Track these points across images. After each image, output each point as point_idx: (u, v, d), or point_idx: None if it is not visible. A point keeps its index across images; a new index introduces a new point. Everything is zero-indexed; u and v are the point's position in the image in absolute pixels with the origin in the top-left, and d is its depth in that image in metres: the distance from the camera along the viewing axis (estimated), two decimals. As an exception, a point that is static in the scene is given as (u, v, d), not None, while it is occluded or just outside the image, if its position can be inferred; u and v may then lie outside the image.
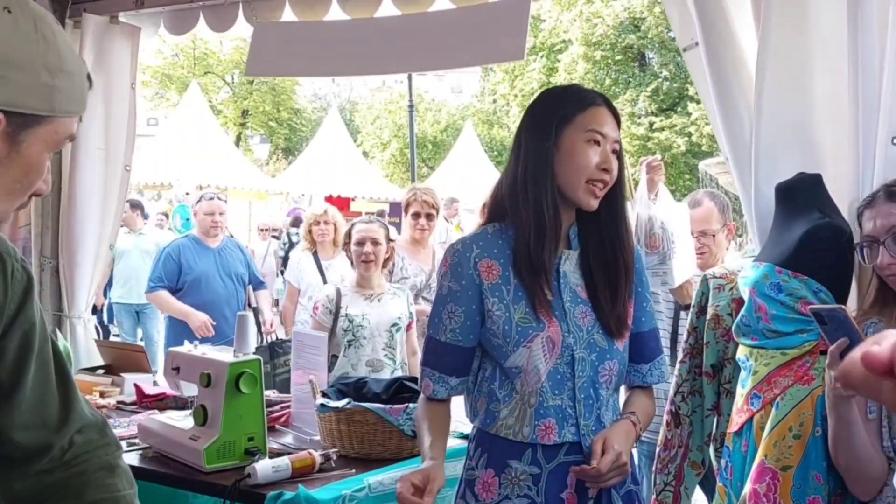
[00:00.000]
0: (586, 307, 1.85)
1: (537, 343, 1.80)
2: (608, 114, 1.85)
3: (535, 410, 1.80)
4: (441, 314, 1.88)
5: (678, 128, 21.37)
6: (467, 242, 1.89)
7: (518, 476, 1.81)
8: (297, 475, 2.35)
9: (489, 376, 1.88)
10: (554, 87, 2.01)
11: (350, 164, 17.69)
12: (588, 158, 1.79)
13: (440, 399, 1.92)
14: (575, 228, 1.89)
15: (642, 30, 22.43)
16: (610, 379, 1.86)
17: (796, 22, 2.26)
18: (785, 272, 2.10)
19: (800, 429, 2.03)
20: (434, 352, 1.90)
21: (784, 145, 2.29)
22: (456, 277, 1.86)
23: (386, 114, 29.47)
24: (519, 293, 1.82)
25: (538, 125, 1.85)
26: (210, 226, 5.23)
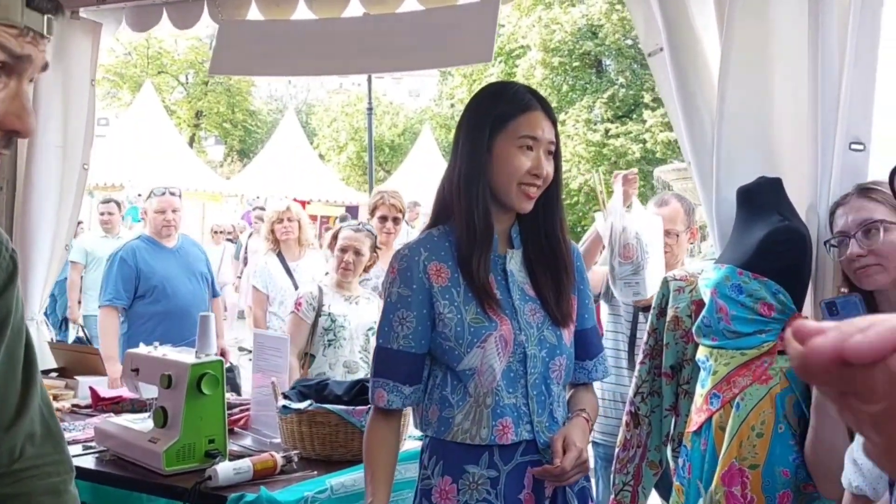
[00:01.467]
0: (535, 304, 1.87)
1: (491, 342, 1.80)
2: (542, 116, 1.84)
3: (491, 411, 1.80)
4: (391, 322, 1.85)
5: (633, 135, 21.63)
6: (414, 247, 1.87)
7: (476, 481, 1.80)
8: (258, 477, 2.33)
9: (440, 383, 1.85)
10: (491, 85, 1.98)
11: (306, 167, 17.62)
12: (520, 163, 1.80)
13: (394, 411, 1.88)
14: (517, 227, 1.91)
15: (600, 37, 22.67)
16: (560, 374, 1.88)
17: (758, 28, 2.31)
18: (745, 274, 2.14)
19: (762, 427, 2.07)
20: (385, 361, 1.86)
21: (745, 149, 2.34)
22: (405, 283, 1.84)
23: (343, 116, 29.36)
24: (469, 294, 1.82)
25: (473, 128, 1.85)
26: (162, 225, 4.61)
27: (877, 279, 1.88)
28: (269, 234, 5.16)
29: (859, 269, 1.90)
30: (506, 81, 2.01)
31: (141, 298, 4.55)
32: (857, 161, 2.11)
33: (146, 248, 4.64)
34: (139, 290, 4.53)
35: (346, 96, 30.71)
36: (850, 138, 2.11)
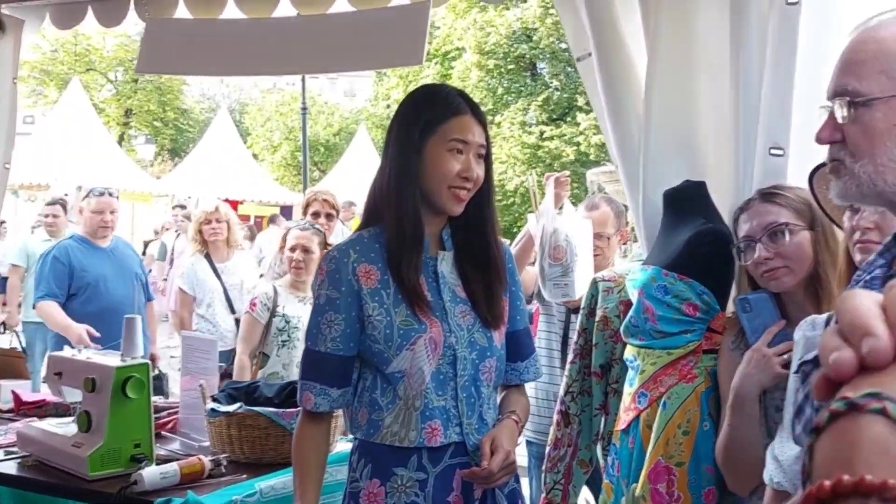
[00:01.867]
0: (466, 306, 1.87)
1: (420, 345, 1.79)
2: (473, 121, 1.84)
3: (420, 413, 1.79)
4: (319, 324, 1.84)
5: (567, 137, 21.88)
6: (343, 248, 1.86)
7: (404, 483, 1.80)
8: (186, 481, 2.30)
9: (370, 385, 1.85)
10: (422, 88, 1.99)
11: (239, 166, 17.40)
12: (450, 167, 1.80)
13: (322, 414, 1.87)
14: (448, 230, 1.91)
15: (534, 40, 22.87)
16: (490, 377, 1.88)
17: (682, 36, 2.37)
18: (671, 275, 2.20)
19: (688, 425, 2.12)
20: (314, 363, 1.85)
21: (671, 154, 2.39)
22: (334, 285, 1.82)
23: (277, 116, 29.06)
24: (399, 296, 1.81)
25: (403, 131, 1.85)
26: (99, 225, 4.53)
27: (784, 281, 1.92)
28: (196, 235, 5.06)
29: (767, 271, 1.94)
30: (437, 84, 2.00)
31: (74, 297, 4.48)
32: (776, 165, 2.18)
33: (79, 247, 4.55)
34: (72, 288, 4.46)
35: (281, 96, 30.38)
36: (769, 143, 2.18)
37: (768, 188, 2.04)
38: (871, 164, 1.09)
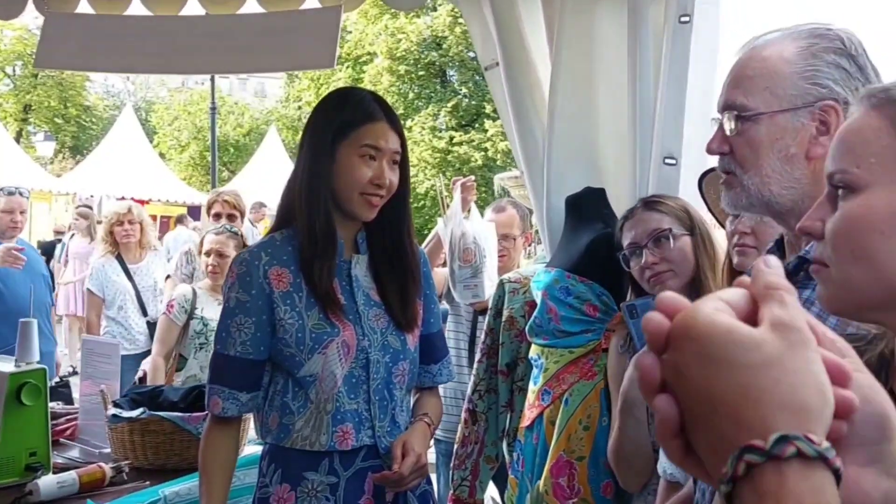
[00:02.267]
0: (379, 309, 1.86)
1: (333, 348, 1.78)
2: (387, 127, 1.82)
3: (331, 417, 1.78)
4: (229, 327, 1.80)
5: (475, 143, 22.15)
6: (255, 251, 1.83)
7: (315, 487, 1.79)
8: (85, 490, 2.24)
9: (281, 389, 1.83)
10: (337, 91, 1.96)
11: (145, 166, 16.95)
12: (361, 173, 1.78)
13: (230, 418, 1.83)
14: (363, 233, 1.90)
15: (444, 48, 23.08)
16: (403, 379, 1.88)
17: (584, 50, 2.45)
18: (573, 277, 2.27)
19: (588, 420, 2.19)
20: (222, 367, 1.81)
21: (573, 161, 2.47)
22: (244, 288, 1.79)
23: (185, 115, 28.44)
24: (311, 300, 1.79)
25: (317, 134, 1.84)
26: (8, 225, 4.39)
27: (669, 285, 1.99)
28: (107, 236, 4.95)
29: (653, 276, 2.01)
30: (352, 88, 1.97)
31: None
32: (669, 174, 2.27)
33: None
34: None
35: (189, 94, 29.75)
36: (663, 153, 2.27)
37: (650, 197, 2.12)
38: (757, 175, 1.16)
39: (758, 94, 1.16)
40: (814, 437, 0.47)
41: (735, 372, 0.49)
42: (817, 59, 1.13)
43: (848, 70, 1.12)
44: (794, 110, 1.14)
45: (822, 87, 1.12)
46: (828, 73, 1.13)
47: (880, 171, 0.81)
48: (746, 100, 1.16)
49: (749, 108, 1.16)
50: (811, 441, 0.47)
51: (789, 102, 1.14)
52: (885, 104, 0.83)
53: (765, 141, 1.15)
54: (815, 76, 1.13)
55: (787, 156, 1.14)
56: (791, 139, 1.14)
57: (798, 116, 1.14)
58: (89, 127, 29.86)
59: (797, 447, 0.46)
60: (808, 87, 1.13)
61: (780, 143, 1.14)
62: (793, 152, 1.14)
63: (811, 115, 1.13)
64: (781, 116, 1.14)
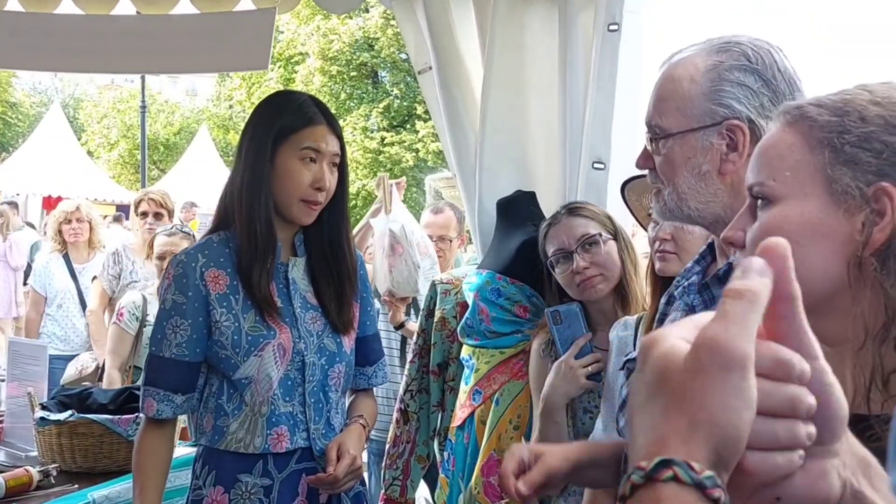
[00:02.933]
0: (316, 312, 1.87)
1: (269, 351, 1.78)
2: (327, 130, 1.82)
3: (266, 419, 1.79)
4: (164, 329, 1.79)
5: (407, 144, 22.17)
6: (192, 252, 1.83)
7: (249, 490, 1.79)
8: (11, 494, 2.20)
9: (216, 391, 1.82)
10: (276, 94, 1.96)
11: (73, 164, 16.50)
12: (301, 177, 1.78)
13: (165, 420, 1.82)
14: (301, 236, 1.90)
15: (376, 49, 23.04)
16: (339, 382, 1.89)
17: (515, 56, 2.50)
18: (504, 279, 2.32)
19: (518, 420, 2.24)
20: (157, 369, 1.80)
21: (504, 164, 2.53)
22: (181, 289, 1.79)
23: (114, 113, 27.78)
24: (248, 302, 1.79)
25: (256, 138, 1.83)
26: None
27: (599, 289, 2.04)
28: (55, 235, 4.85)
29: (584, 280, 2.04)
30: (291, 92, 1.96)
31: None
32: (598, 178, 2.34)
33: None
34: None
35: (119, 92, 29.07)
36: (592, 158, 2.33)
37: (570, 205, 2.16)
38: (675, 191, 1.22)
39: (670, 115, 1.21)
40: (695, 465, 0.48)
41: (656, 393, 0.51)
42: (721, 79, 1.18)
43: (751, 87, 1.18)
44: (703, 129, 1.19)
45: (724, 106, 1.18)
46: (731, 92, 1.18)
47: (794, 184, 0.86)
48: (661, 120, 1.22)
49: (663, 128, 1.22)
50: (691, 468, 0.48)
51: (697, 122, 1.19)
52: (799, 121, 0.88)
53: (678, 159, 1.20)
54: (719, 96, 1.18)
55: (699, 173, 1.20)
56: (702, 157, 1.19)
57: (707, 136, 1.19)
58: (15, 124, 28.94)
59: (674, 472, 0.48)
60: (714, 107, 1.18)
61: (693, 162, 1.20)
62: (705, 170, 1.19)
63: (719, 133, 1.18)
64: (692, 136, 1.19)
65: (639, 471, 0.49)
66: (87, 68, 3.53)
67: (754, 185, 0.89)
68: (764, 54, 1.19)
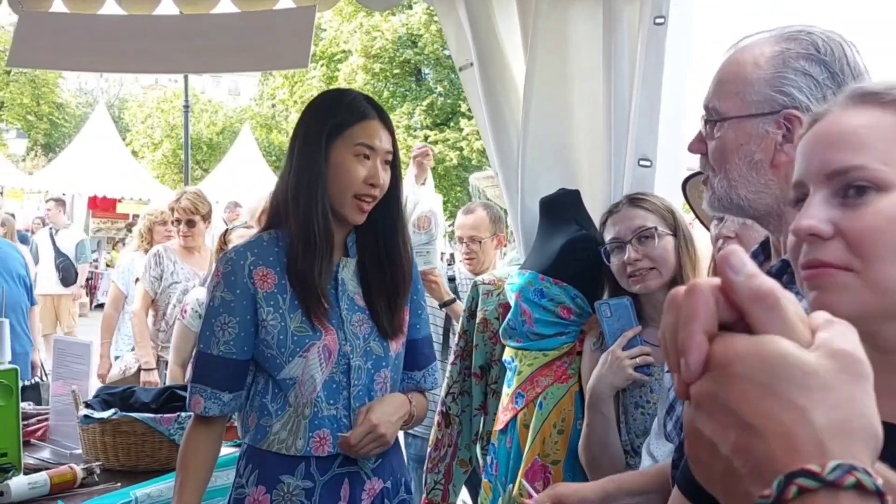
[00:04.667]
0: (363, 315, 1.85)
1: (313, 352, 1.77)
2: (380, 126, 1.82)
3: (309, 422, 1.78)
4: (213, 326, 1.79)
5: (451, 142, 22.15)
6: (241, 250, 1.82)
7: (291, 491, 1.78)
8: (56, 491, 2.22)
9: (261, 390, 1.82)
10: (330, 91, 1.96)
11: (118, 164, 16.78)
12: (356, 173, 1.78)
13: (213, 418, 1.82)
14: (353, 236, 1.88)
15: (419, 46, 23.05)
16: (385, 387, 1.87)
17: (559, 51, 2.46)
18: (547, 279, 2.27)
19: (562, 424, 2.20)
20: (205, 366, 1.80)
21: (547, 163, 2.48)
22: (229, 287, 1.78)
23: (158, 113, 28.22)
24: (295, 302, 1.78)
25: (310, 135, 1.82)
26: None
27: (650, 283, 2.01)
28: (146, 234, 4.87)
29: (635, 272, 2.01)
30: (343, 89, 1.95)
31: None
32: (644, 176, 2.29)
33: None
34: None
35: (163, 92, 29.55)
36: (638, 155, 2.29)
37: (635, 194, 2.13)
38: (725, 178, 1.17)
39: (729, 99, 1.17)
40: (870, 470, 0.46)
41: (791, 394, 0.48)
42: (786, 66, 1.14)
43: (816, 78, 1.13)
44: (760, 116, 1.15)
45: (785, 94, 1.14)
46: (794, 80, 1.14)
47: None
48: (719, 103, 1.18)
49: (720, 111, 1.18)
50: (869, 473, 0.46)
51: (756, 108, 1.15)
52: None
53: (731, 145, 1.16)
54: (781, 83, 1.14)
55: (751, 161, 1.15)
56: (756, 145, 1.15)
57: (763, 123, 1.15)
58: (62, 124, 29.58)
59: (857, 478, 0.45)
60: (774, 94, 1.14)
61: (746, 149, 1.16)
62: (757, 158, 1.15)
63: (776, 122, 1.14)
64: (748, 122, 1.15)
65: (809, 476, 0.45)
66: (130, 68, 3.57)
67: (849, 169, 0.78)
68: (834, 46, 1.14)
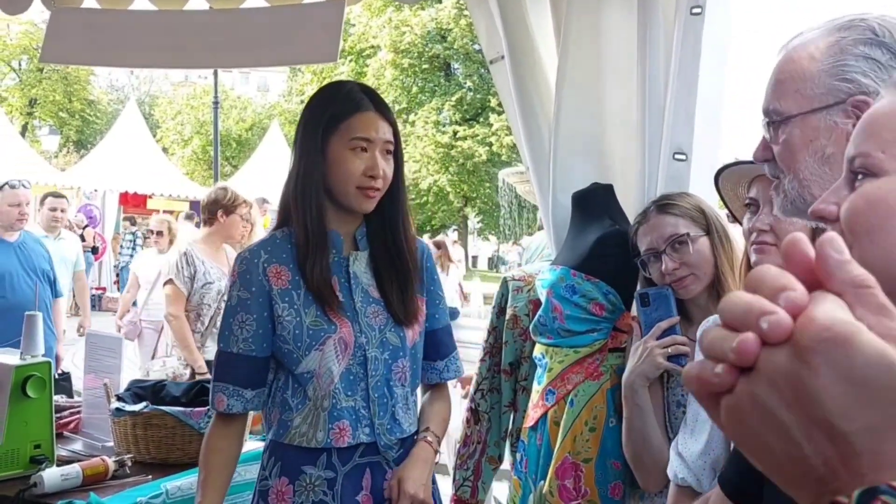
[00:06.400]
0: (378, 306, 1.86)
1: (329, 345, 1.79)
2: (376, 116, 1.82)
3: (328, 413, 1.79)
4: (231, 325, 1.82)
5: (480, 137, 22.11)
6: (255, 249, 1.85)
7: (313, 482, 1.79)
8: (88, 483, 2.25)
9: (282, 385, 1.84)
10: (325, 86, 1.95)
11: (148, 160, 16.99)
12: (354, 167, 1.78)
13: (235, 415, 1.84)
14: (363, 229, 1.89)
15: (448, 41, 23.03)
16: (404, 376, 1.87)
17: (592, 42, 2.42)
18: (579, 275, 2.25)
19: (594, 422, 2.17)
20: (226, 364, 1.83)
21: (580, 157, 2.45)
22: (245, 285, 1.81)
23: (188, 109, 28.49)
24: (309, 297, 1.80)
25: (307, 131, 1.84)
26: (16, 218, 4.51)
27: (691, 289, 1.97)
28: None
29: (675, 281, 1.98)
30: (340, 81, 1.95)
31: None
32: (679, 170, 2.25)
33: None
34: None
35: (192, 89, 29.81)
36: (673, 148, 2.25)
37: (660, 200, 2.09)
38: (795, 179, 1.14)
39: (789, 98, 1.13)
40: None
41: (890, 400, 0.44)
42: (845, 54, 1.10)
43: (879, 61, 1.09)
44: (826, 109, 1.11)
45: (849, 81, 1.10)
46: (856, 66, 1.10)
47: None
48: (780, 104, 1.14)
49: (782, 112, 1.14)
50: None
51: (819, 101, 1.11)
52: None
53: (799, 143, 1.12)
54: (842, 71, 1.10)
55: (823, 157, 1.11)
56: (826, 139, 1.11)
57: (830, 115, 1.11)
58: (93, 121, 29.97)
59: None
60: (837, 83, 1.10)
61: (815, 144, 1.12)
62: (829, 152, 1.11)
63: (844, 112, 1.10)
64: (813, 117, 1.12)
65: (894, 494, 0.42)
66: (160, 64, 3.58)
67: (856, 156, 0.80)
68: (892, 28, 1.10)
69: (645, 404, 1.95)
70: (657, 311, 1.99)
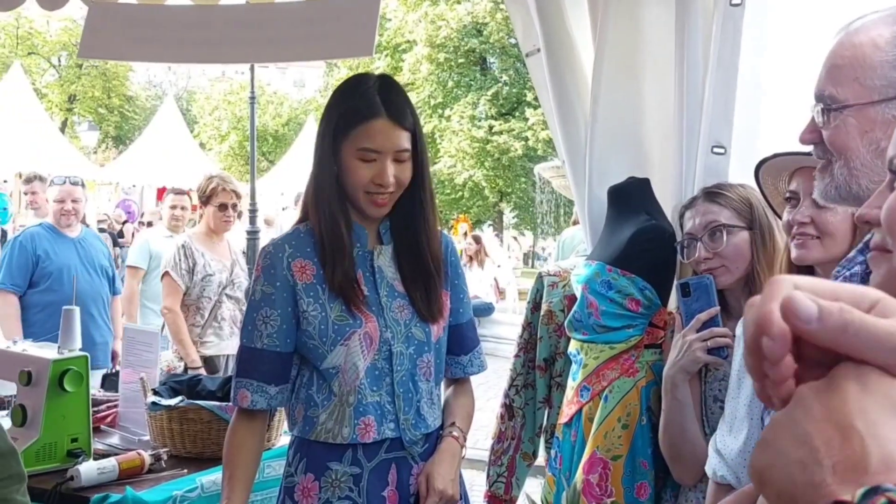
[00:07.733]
0: (404, 301, 1.85)
1: (355, 340, 1.77)
2: (388, 125, 1.76)
3: (353, 409, 1.78)
4: (255, 320, 1.80)
5: (516, 132, 22.04)
6: (279, 243, 1.84)
7: (339, 478, 1.79)
8: (124, 476, 2.27)
9: (307, 382, 1.83)
10: (347, 80, 1.91)
11: (186, 156, 17.16)
12: (361, 175, 1.76)
13: (258, 411, 1.83)
14: (386, 223, 1.88)
15: (484, 35, 22.97)
16: (429, 371, 1.86)
17: (630, 34, 2.39)
18: (615, 270, 2.22)
19: (627, 419, 2.15)
20: (249, 360, 1.81)
21: (616, 150, 2.42)
22: (269, 280, 1.80)
23: (225, 105, 28.76)
24: (334, 291, 1.79)
25: (322, 132, 1.83)
26: (61, 214, 4.48)
27: (721, 280, 1.96)
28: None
29: (705, 271, 1.98)
30: (361, 76, 1.87)
31: (35, 286, 4.39)
32: (718, 164, 2.21)
33: (47, 235, 4.49)
34: (34, 277, 4.38)
35: (229, 84, 30.07)
36: (711, 142, 2.21)
37: (712, 187, 2.07)
38: (846, 166, 1.11)
39: (847, 85, 1.10)
40: None
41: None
42: None
43: None
44: (885, 102, 1.08)
45: None
46: None
47: None
48: (836, 90, 1.11)
49: (838, 99, 1.10)
50: None
51: (879, 94, 1.07)
52: None
53: (853, 132, 1.09)
54: None
55: (877, 149, 1.08)
56: (882, 132, 1.07)
57: (889, 108, 1.07)
58: (132, 117, 30.36)
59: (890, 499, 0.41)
60: None
61: (871, 136, 1.08)
62: (884, 146, 1.08)
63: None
64: (871, 108, 1.08)
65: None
66: (197, 59, 3.61)
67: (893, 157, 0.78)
68: None
69: (685, 399, 1.93)
70: (698, 302, 1.96)
